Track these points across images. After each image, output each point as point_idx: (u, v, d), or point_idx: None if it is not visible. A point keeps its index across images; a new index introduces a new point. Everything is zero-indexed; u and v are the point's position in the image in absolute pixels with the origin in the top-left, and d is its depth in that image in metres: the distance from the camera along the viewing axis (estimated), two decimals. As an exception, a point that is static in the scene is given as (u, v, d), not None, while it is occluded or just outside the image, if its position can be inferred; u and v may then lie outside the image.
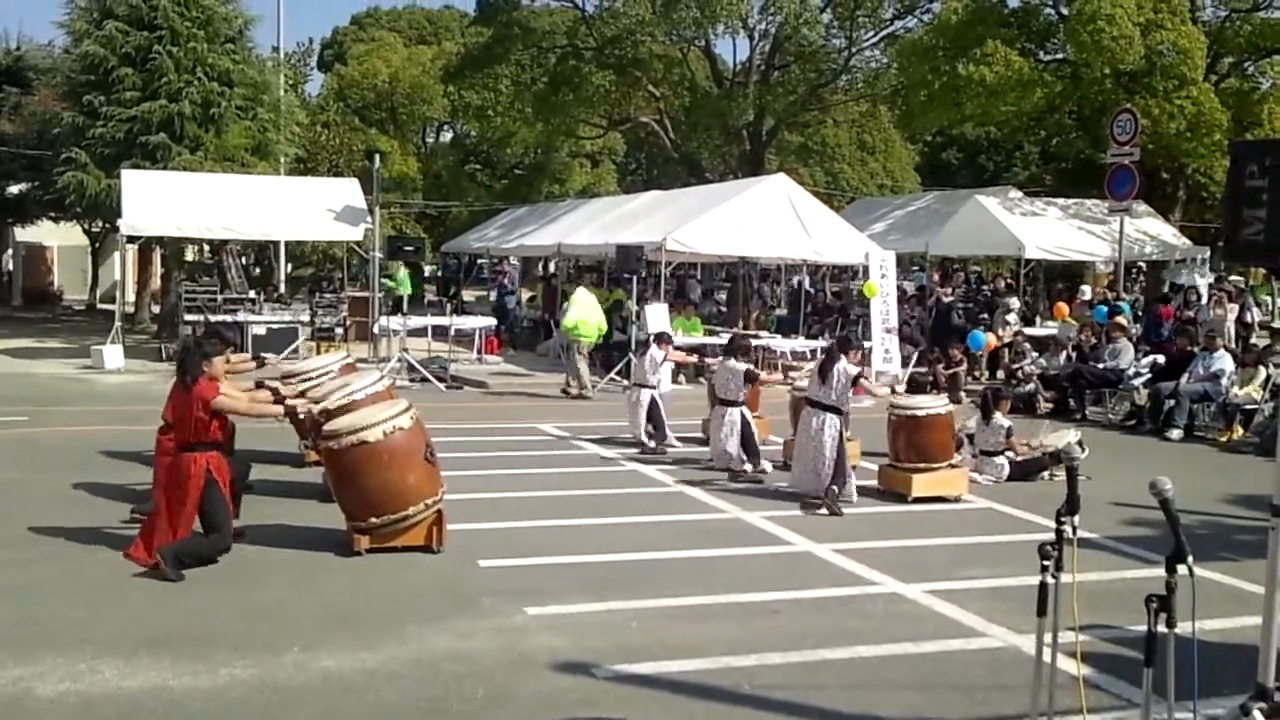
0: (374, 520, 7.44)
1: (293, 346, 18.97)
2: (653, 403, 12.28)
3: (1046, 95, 22.99)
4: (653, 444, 12.13)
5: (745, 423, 10.79)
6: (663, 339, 12.99)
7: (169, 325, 21.82)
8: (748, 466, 10.70)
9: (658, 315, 17.32)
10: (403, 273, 22.50)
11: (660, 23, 31.33)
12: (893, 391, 11.71)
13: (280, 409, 7.46)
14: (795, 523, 9.03)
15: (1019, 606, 6.38)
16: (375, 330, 19.60)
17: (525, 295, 28.69)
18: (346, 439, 7.37)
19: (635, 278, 17.70)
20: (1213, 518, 9.61)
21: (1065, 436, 10.88)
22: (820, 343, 17.63)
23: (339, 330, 20.65)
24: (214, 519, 7.26)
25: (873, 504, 9.81)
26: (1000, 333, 19.11)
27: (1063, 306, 20.10)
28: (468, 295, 32.48)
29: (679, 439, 12.41)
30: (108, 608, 6.43)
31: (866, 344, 18.00)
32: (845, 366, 9.64)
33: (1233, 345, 16.06)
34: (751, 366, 11.28)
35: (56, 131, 23.59)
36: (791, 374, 12.31)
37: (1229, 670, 5.28)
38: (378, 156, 22.29)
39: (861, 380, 9.81)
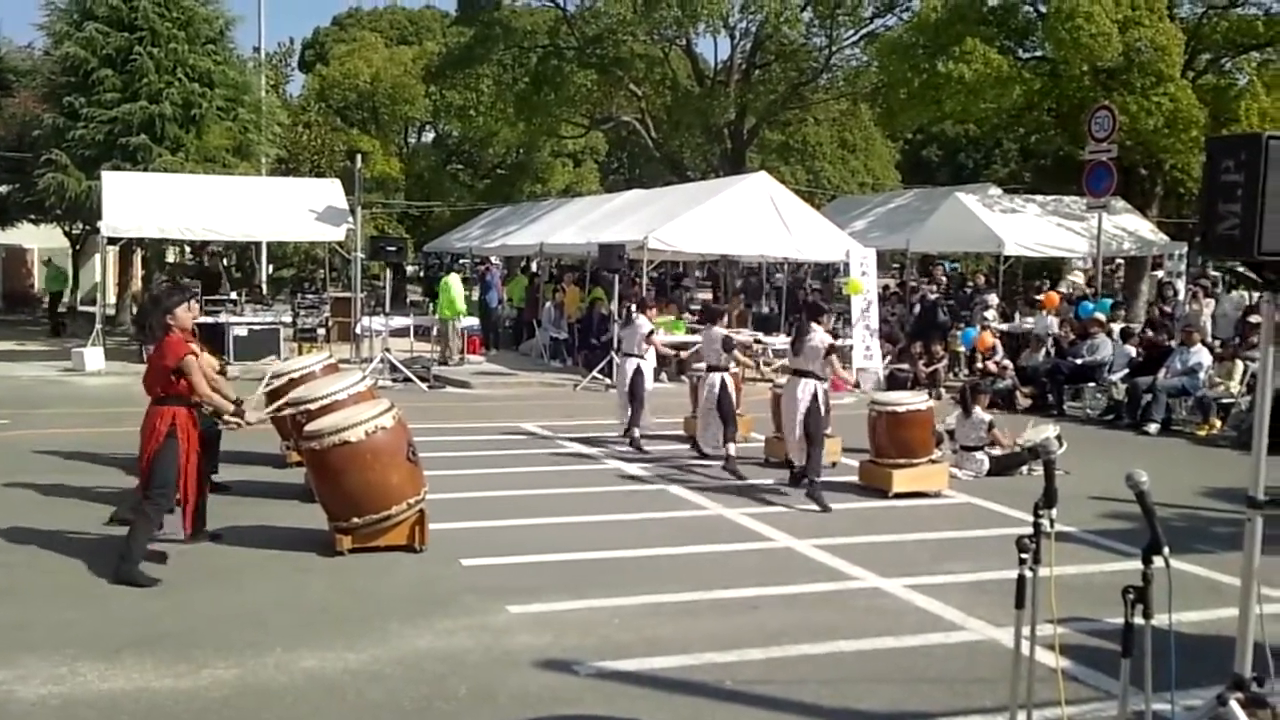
0: (356, 520, 7.44)
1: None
2: (636, 372, 12.21)
3: (1025, 92, 23.05)
4: (626, 420, 12.09)
5: (724, 388, 10.87)
6: (645, 306, 13.01)
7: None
8: (730, 447, 10.74)
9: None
10: (54, 267, 22.20)
11: (641, 22, 31.33)
12: (856, 385, 11.78)
13: (231, 406, 7.24)
14: (777, 519, 9.06)
15: (998, 600, 6.42)
16: (358, 331, 19.58)
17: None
18: (329, 439, 7.37)
19: (617, 276, 17.70)
20: (1189, 510, 9.69)
21: (1044, 431, 10.95)
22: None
23: (321, 331, 20.62)
24: (160, 473, 6.92)
25: (853, 500, 9.86)
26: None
27: (1053, 295, 20.20)
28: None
29: (657, 436, 12.46)
30: (88, 610, 6.41)
31: (846, 342, 18.06)
32: (819, 338, 9.69)
33: (1210, 339, 16.14)
34: (728, 333, 11.36)
35: (37, 133, 23.47)
36: (767, 369, 12.37)
37: (1206, 661, 5.32)
38: (359, 157, 22.28)
39: (834, 359, 9.81)
